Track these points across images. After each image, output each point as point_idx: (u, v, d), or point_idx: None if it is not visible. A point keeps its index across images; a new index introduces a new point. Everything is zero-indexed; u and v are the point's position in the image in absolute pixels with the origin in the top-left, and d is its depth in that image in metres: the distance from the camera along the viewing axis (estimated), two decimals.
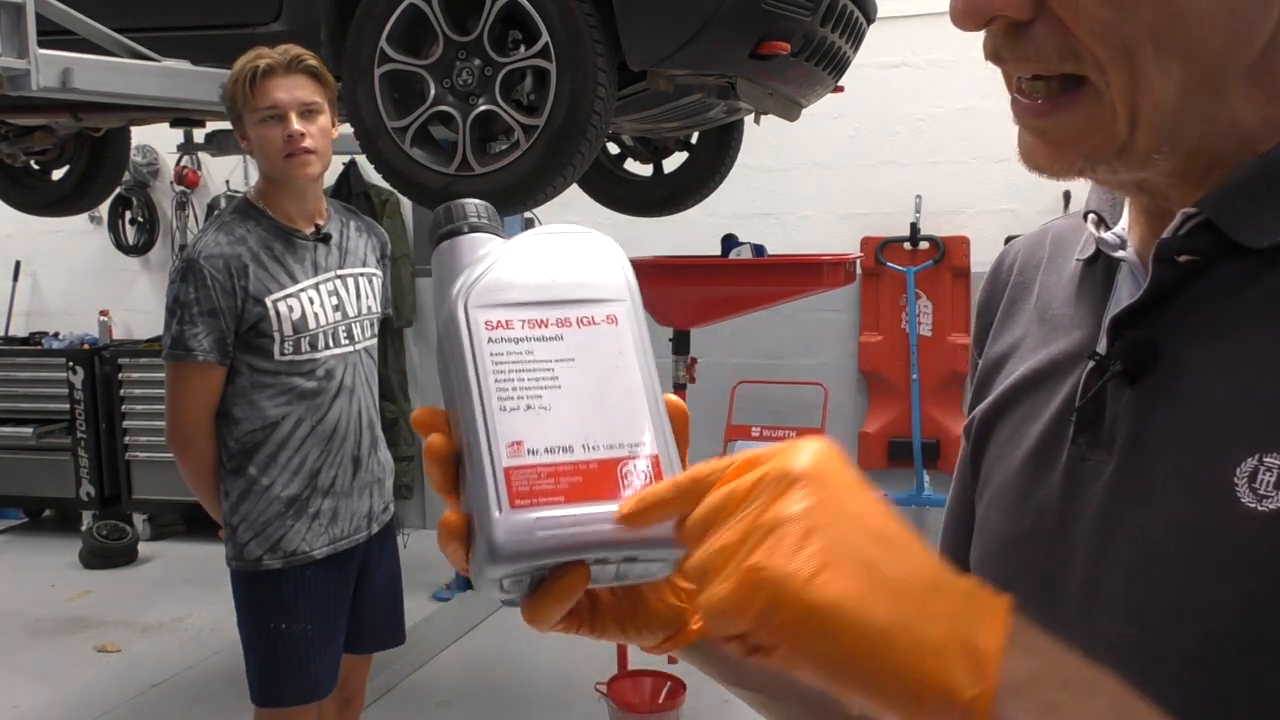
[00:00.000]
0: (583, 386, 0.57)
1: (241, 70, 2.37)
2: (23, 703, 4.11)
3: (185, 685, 4.18)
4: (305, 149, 2.37)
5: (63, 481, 6.04)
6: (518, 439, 0.55)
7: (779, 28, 2.69)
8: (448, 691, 4.04)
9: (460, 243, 0.62)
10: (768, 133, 4.03)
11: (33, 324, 6.78)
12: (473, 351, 0.57)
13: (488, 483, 0.54)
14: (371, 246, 2.66)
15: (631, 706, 3.47)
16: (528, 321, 0.58)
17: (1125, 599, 0.57)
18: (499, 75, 2.67)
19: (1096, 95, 0.56)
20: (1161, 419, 0.58)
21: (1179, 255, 0.59)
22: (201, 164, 6.36)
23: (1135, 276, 0.64)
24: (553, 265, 0.60)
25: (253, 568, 2.47)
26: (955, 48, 5.41)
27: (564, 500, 0.54)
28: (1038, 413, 0.67)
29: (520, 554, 0.53)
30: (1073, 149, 0.58)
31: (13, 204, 4.21)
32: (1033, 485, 0.66)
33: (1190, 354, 0.58)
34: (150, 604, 5.09)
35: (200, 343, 2.36)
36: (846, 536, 0.45)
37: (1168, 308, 0.59)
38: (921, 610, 0.44)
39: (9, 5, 2.34)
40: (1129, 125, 0.56)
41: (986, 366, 0.76)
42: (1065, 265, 0.72)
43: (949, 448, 5.54)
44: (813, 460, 0.47)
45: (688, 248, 5.11)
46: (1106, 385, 0.61)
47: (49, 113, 3.46)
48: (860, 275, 5.31)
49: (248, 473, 2.46)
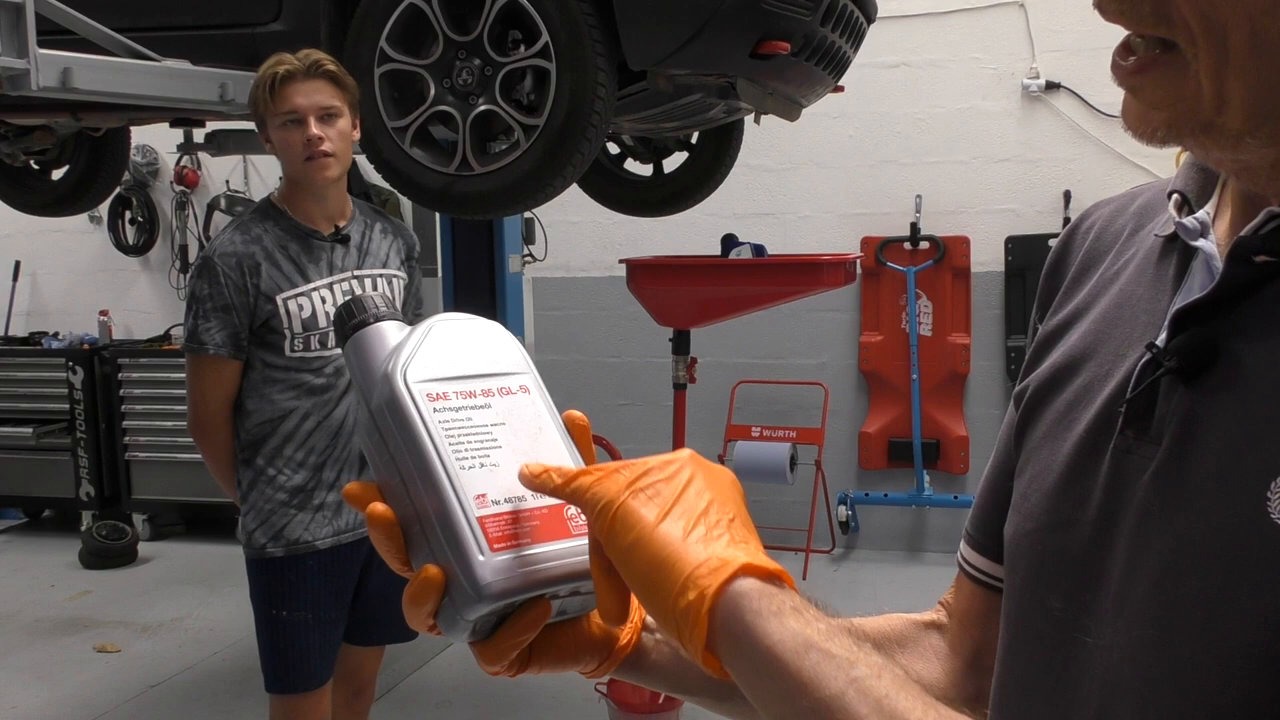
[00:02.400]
0: (518, 444, 0.65)
1: (263, 76, 2.43)
2: (22, 703, 4.11)
3: (185, 685, 4.18)
4: (323, 152, 2.43)
5: (62, 481, 6.04)
6: (481, 492, 0.62)
7: (779, 27, 2.69)
8: (448, 691, 4.04)
9: (373, 332, 0.68)
10: (768, 133, 4.03)
11: (32, 324, 6.77)
12: (423, 421, 0.63)
13: (465, 533, 0.61)
14: (396, 249, 2.70)
15: (631, 706, 3.47)
16: (460, 393, 0.65)
17: (1152, 601, 0.57)
18: (499, 75, 2.67)
19: (1182, 65, 0.54)
20: (1210, 422, 0.56)
21: (1256, 255, 0.56)
22: (201, 164, 6.36)
23: (1210, 267, 0.61)
24: (462, 347, 0.68)
25: (258, 555, 2.54)
26: (955, 48, 5.41)
27: (532, 541, 0.62)
28: (1090, 396, 0.66)
29: (509, 590, 0.60)
30: (1155, 112, 0.56)
31: (13, 204, 4.21)
32: (1077, 472, 0.65)
33: (1250, 357, 0.56)
34: (150, 604, 5.09)
35: (213, 337, 2.45)
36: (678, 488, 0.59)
37: (1235, 307, 0.57)
38: (697, 544, 0.56)
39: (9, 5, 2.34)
40: (1216, 104, 0.54)
41: (1046, 333, 0.74)
42: (1144, 238, 0.69)
43: (949, 448, 5.53)
44: (692, 455, 0.62)
45: (688, 248, 5.11)
46: (1160, 380, 0.60)
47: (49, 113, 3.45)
48: (860, 275, 5.31)
49: (255, 463, 2.54)
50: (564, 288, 5.96)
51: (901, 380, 5.53)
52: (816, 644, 0.53)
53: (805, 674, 0.52)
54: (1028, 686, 0.65)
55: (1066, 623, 0.57)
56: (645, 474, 0.60)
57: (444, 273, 4.60)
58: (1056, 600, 0.63)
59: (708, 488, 0.60)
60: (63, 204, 4.21)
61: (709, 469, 0.62)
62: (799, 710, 0.52)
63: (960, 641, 0.82)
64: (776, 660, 0.53)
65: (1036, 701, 0.50)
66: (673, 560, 0.56)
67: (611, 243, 5.75)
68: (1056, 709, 0.61)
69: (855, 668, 0.52)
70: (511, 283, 4.49)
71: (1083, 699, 0.61)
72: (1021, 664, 0.67)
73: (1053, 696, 0.62)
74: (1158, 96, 0.56)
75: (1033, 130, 5.39)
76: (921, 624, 0.84)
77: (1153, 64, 0.56)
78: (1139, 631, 0.57)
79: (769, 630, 0.53)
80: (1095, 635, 0.59)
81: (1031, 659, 0.66)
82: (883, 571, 5.40)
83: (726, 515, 0.59)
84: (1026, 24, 5.30)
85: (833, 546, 5.61)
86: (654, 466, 0.60)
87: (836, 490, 5.58)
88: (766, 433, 5.40)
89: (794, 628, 0.53)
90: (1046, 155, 5.38)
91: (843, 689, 0.51)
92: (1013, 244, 5.40)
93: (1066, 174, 5.35)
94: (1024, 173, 5.43)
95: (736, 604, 0.54)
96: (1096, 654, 0.54)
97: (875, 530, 5.74)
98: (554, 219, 5.37)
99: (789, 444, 5.22)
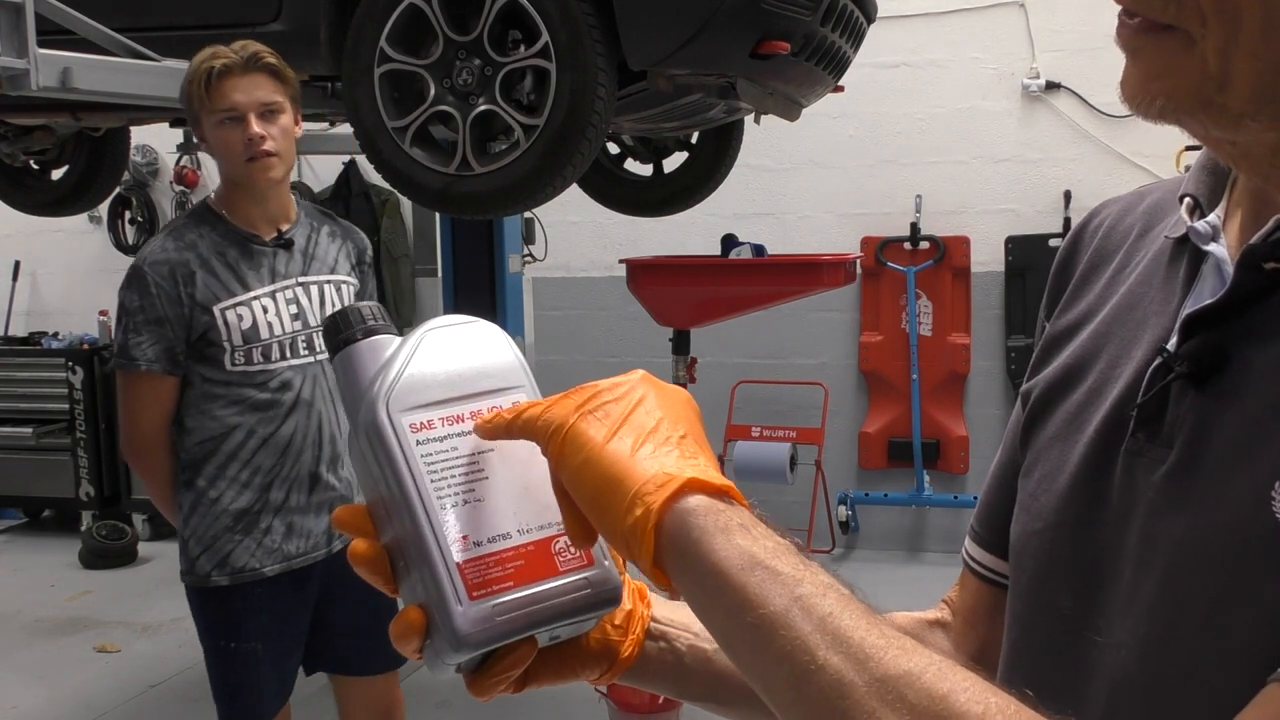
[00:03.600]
0: (507, 473, 0.63)
1: (197, 70, 2.27)
2: (22, 703, 4.11)
3: (185, 685, 4.18)
4: (266, 151, 2.28)
5: (62, 481, 6.03)
6: (463, 534, 0.60)
7: (779, 27, 2.69)
8: (448, 691, 4.04)
9: (361, 349, 0.64)
10: (768, 133, 4.03)
11: (32, 324, 6.77)
12: (405, 456, 0.60)
13: (444, 580, 0.59)
14: (346, 252, 2.54)
15: (631, 706, 3.47)
16: (446, 419, 0.62)
17: (1159, 600, 0.58)
18: (499, 75, 2.67)
19: (1187, 42, 0.54)
20: (1220, 425, 0.57)
21: (1266, 262, 0.57)
22: (201, 164, 6.35)
23: (1220, 272, 0.61)
24: (453, 360, 0.64)
25: (202, 583, 2.37)
26: (955, 48, 5.41)
27: (513, 584, 0.60)
28: (1100, 398, 0.66)
29: (485, 640, 0.59)
30: (1154, 83, 0.56)
31: (12, 204, 4.21)
32: (1088, 473, 0.65)
33: (1259, 362, 0.57)
34: (150, 604, 5.08)
35: (144, 352, 2.29)
36: (628, 408, 0.58)
37: (1245, 312, 0.58)
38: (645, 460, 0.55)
39: (9, 5, 2.34)
40: (1219, 82, 0.54)
41: (1055, 332, 0.74)
42: (1154, 238, 0.69)
43: (949, 448, 5.53)
44: (644, 375, 0.61)
45: (688, 248, 5.11)
46: (1171, 385, 0.60)
47: (49, 113, 3.45)
48: (860, 275, 5.31)
49: (197, 484, 2.37)
50: (564, 288, 5.96)
51: (901, 380, 5.52)
52: (762, 561, 0.52)
53: (750, 591, 0.51)
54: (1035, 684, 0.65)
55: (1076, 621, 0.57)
56: (594, 396, 0.59)
57: (444, 273, 4.60)
58: (1066, 599, 0.64)
59: (658, 406, 0.59)
60: (63, 204, 4.21)
61: (661, 388, 0.61)
62: (743, 626, 0.52)
63: (965, 639, 0.82)
64: (722, 576, 0.52)
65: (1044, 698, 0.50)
66: (620, 477, 0.55)
67: (611, 243, 5.75)
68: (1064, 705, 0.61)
69: (800, 585, 0.51)
70: (511, 283, 4.49)
71: (1091, 696, 0.61)
72: (1029, 661, 0.68)
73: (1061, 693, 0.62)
74: (1159, 65, 0.56)
75: (1033, 130, 5.39)
76: (925, 622, 0.84)
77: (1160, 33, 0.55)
78: (1148, 629, 0.58)
79: (715, 547, 0.53)
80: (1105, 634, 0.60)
81: (1040, 656, 0.66)
82: (883, 571, 5.39)
83: (677, 432, 0.58)
84: (1026, 24, 5.30)
85: (833, 547, 5.61)
86: (604, 388, 0.59)
87: (836, 490, 5.58)
88: (766, 433, 5.40)
89: (740, 544, 0.53)
90: (1046, 155, 5.38)
91: (787, 606, 0.50)
92: (1013, 244, 5.40)
93: (1066, 174, 5.34)
94: (1024, 173, 5.43)
95: (683, 520, 0.54)
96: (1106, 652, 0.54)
97: (875, 530, 5.74)
98: (554, 219, 5.37)
99: (789, 444, 5.21)
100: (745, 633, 0.52)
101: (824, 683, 0.49)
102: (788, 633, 0.50)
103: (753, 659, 0.52)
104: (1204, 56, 0.54)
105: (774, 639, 0.50)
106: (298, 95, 2.38)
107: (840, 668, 0.48)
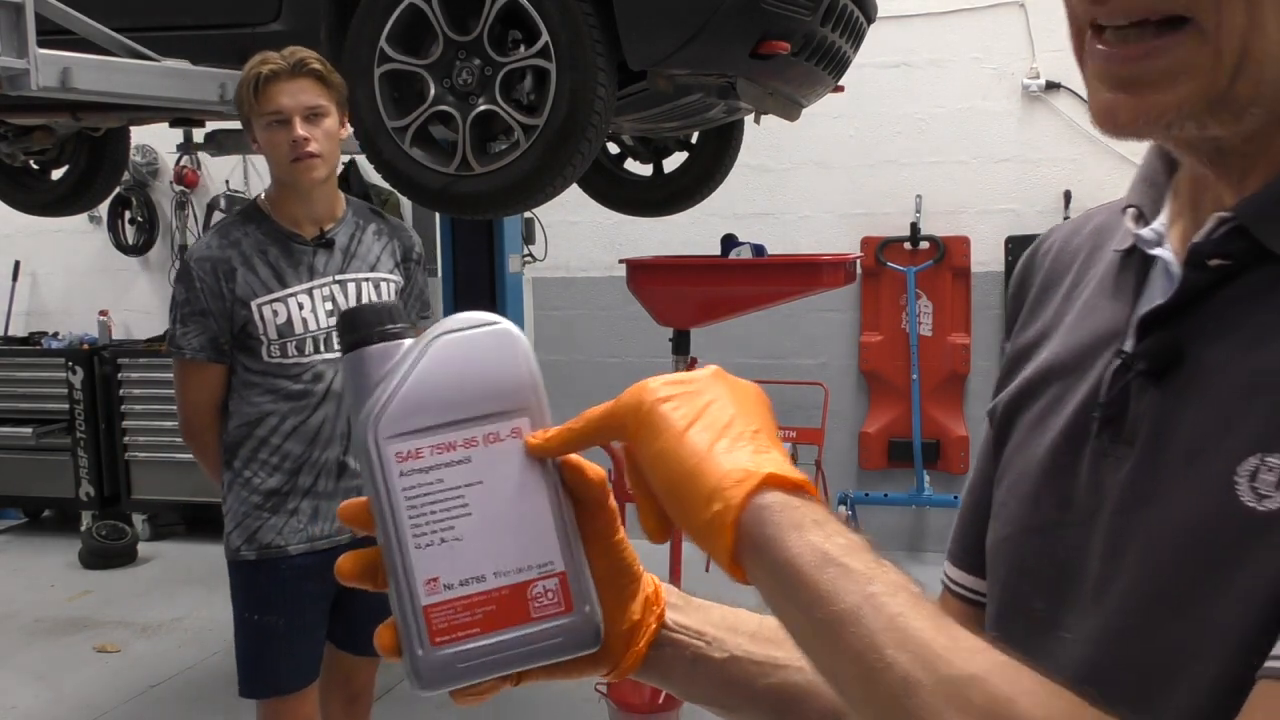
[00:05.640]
0: (491, 509, 0.60)
1: (247, 76, 2.38)
2: (22, 703, 4.11)
3: (185, 685, 4.18)
4: (310, 153, 2.38)
5: (62, 481, 6.04)
6: (433, 576, 0.58)
7: (779, 27, 2.69)
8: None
9: (368, 355, 0.61)
10: (768, 133, 4.03)
11: (32, 324, 6.77)
12: (386, 487, 0.59)
13: (409, 621, 0.58)
14: (390, 250, 2.63)
15: (631, 706, 3.47)
16: (436, 446, 0.60)
17: (1132, 592, 0.59)
18: (499, 75, 2.67)
19: (1199, 36, 0.54)
20: (1180, 419, 0.59)
21: (1210, 259, 0.59)
22: (201, 164, 6.36)
23: (1169, 274, 0.63)
24: (458, 378, 0.61)
25: (234, 557, 2.53)
26: (955, 48, 5.41)
27: (479, 631, 0.59)
28: (1062, 404, 0.68)
29: (443, 684, 0.58)
30: (1166, 93, 0.56)
31: (12, 204, 4.21)
32: (1054, 477, 0.66)
33: (1213, 356, 0.58)
34: (150, 604, 5.09)
35: (190, 342, 2.44)
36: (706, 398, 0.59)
37: (1196, 310, 0.60)
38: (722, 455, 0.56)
39: (9, 5, 2.34)
40: (1233, 70, 0.54)
41: (1015, 352, 0.77)
42: (1103, 255, 0.71)
43: (949, 448, 5.53)
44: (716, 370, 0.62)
45: (688, 248, 5.10)
46: (1131, 383, 0.62)
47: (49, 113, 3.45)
48: (860, 275, 5.31)
49: (234, 465, 2.52)
50: (564, 288, 5.96)
51: (901, 380, 5.52)
52: (835, 558, 0.53)
53: (823, 587, 0.52)
54: None
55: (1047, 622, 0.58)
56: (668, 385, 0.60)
57: (444, 273, 4.60)
58: (1038, 601, 0.65)
59: (732, 402, 0.60)
60: (63, 204, 4.21)
61: (733, 384, 0.62)
62: (815, 622, 0.53)
63: None
64: (796, 573, 0.53)
65: None
66: (698, 472, 0.56)
67: (611, 243, 5.75)
68: None
69: (872, 584, 0.52)
70: (511, 283, 4.49)
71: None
72: None
73: None
74: (1170, 76, 0.55)
75: (1033, 130, 5.39)
76: None
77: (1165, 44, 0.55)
78: (1120, 621, 0.59)
79: (789, 543, 0.54)
80: (1075, 630, 0.60)
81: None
82: None
83: (750, 427, 0.59)
84: (1026, 24, 5.30)
85: None
86: (676, 380, 0.61)
87: (836, 490, 5.58)
88: None
89: (814, 541, 0.54)
90: (1046, 155, 5.38)
91: (858, 604, 0.51)
92: (1013, 244, 5.40)
93: (1066, 174, 5.34)
94: (1024, 173, 5.43)
95: (759, 516, 0.55)
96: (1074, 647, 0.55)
97: (875, 530, 5.65)
98: (554, 219, 5.37)
99: (789, 444, 5.21)
100: (817, 629, 0.53)
101: (892, 681, 0.50)
102: (858, 629, 0.51)
103: (824, 654, 0.54)
104: (1217, 47, 0.54)
105: (844, 636, 0.51)
106: (343, 99, 2.47)
107: (908, 667, 0.49)
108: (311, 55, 2.41)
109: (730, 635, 0.70)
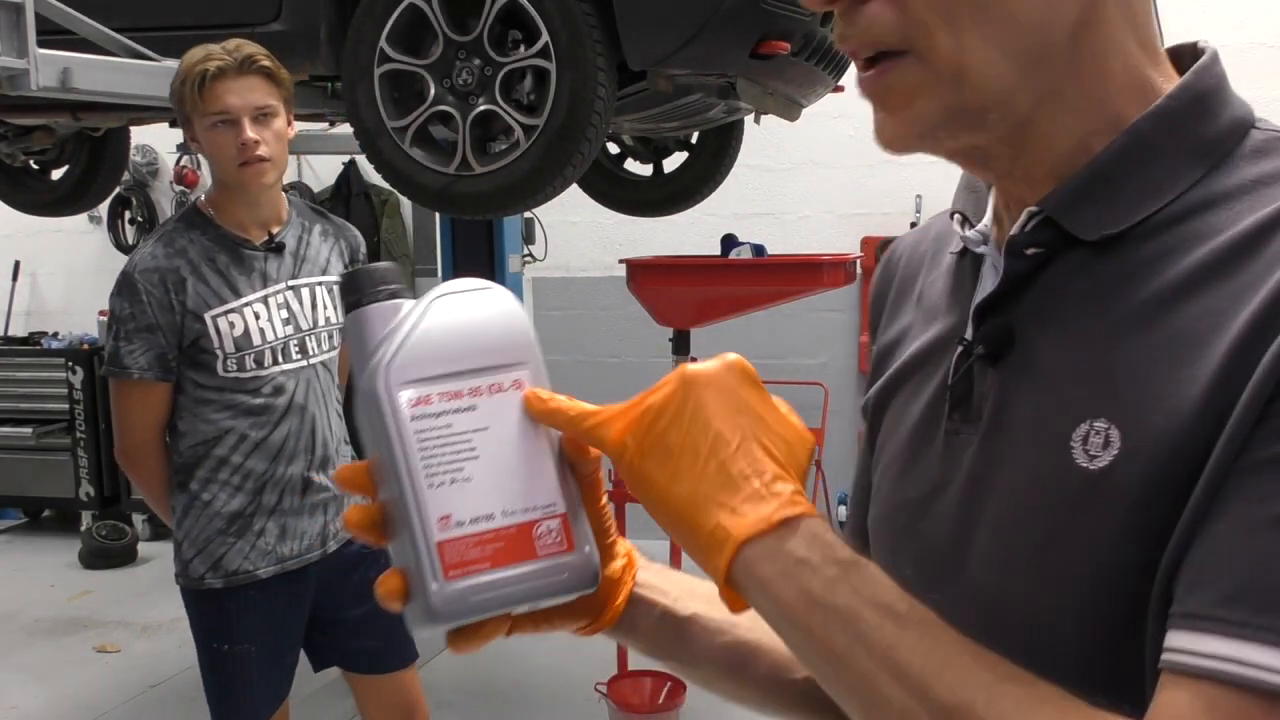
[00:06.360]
0: (497, 454, 0.63)
1: (190, 71, 2.23)
2: (22, 703, 4.11)
3: (185, 685, 4.18)
4: (259, 157, 2.24)
5: (62, 482, 6.04)
6: (446, 513, 0.62)
7: (779, 27, 2.69)
8: (448, 691, 4.04)
9: (370, 313, 0.65)
10: (768, 133, 4.03)
11: (32, 324, 6.78)
12: (398, 432, 0.62)
13: (422, 557, 0.61)
14: (338, 252, 2.51)
15: (631, 706, 3.47)
16: (444, 394, 0.63)
17: (991, 550, 0.65)
18: (499, 75, 2.67)
19: (919, 62, 0.61)
20: (1018, 394, 0.65)
21: (1027, 249, 0.66)
22: (201, 164, 6.35)
23: (996, 268, 0.70)
24: (461, 332, 0.64)
25: (196, 585, 2.37)
26: None
27: (490, 565, 0.62)
28: (920, 392, 0.75)
29: (456, 617, 0.61)
30: (910, 110, 0.63)
31: (12, 204, 4.21)
32: (916, 457, 0.73)
33: (1040, 336, 0.65)
34: (150, 604, 5.09)
35: (136, 360, 2.27)
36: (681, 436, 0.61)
37: (1022, 296, 0.67)
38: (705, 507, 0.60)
39: (9, 5, 2.34)
40: (955, 86, 0.61)
41: (879, 352, 0.84)
42: (942, 259, 0.79)
43: None
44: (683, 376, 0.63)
45: (688, 248, 5.11)
46: (973, 366, 0.69)
47: (49, 113, 3.46)
48: (860, 275, 5.31)
49: (190, 488, 2.36)
50: (564, 288, 5.96)
51: None
52: (820, 601, 0.57)
53: (815, 632, 0.57)
54: None
55: (917, 589, 0.61)
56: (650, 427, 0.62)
57: (444, 273, 4.60)
58: (909, 570, 0.70)
59: (712, 415, 0.62)
60: (63, 204, 4.22)
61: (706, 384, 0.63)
62: (812, 662, 0.59)
63: None
64: (786, 618, 0.58)
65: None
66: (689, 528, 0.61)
67: (611, 243, 5.75)
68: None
69: (859, 621, 0.56)
70: (511, 283, 4.50)
71: None
72: None
73: None
74: (906, 89, 0.62)
75: None
76: None
77: (892, 64, 0.63)
78: (983, 578, 0.65)
79: (776, 593, 0.58)
80: (943, 593, 0.64)
81: None
82: None
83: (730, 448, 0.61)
84: None
85: None
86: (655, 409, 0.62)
87: (837, 490, 5.58)
88: None
89: (801, 584, 0.58)
90: None
91: (849, 645, 0.56)
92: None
93: None
94: None
95: (747, 572, 0.59)
96: (944, 609, 0.58)
97: None
98: (554, 219, 5.37)
99: None
100: (816, 668, 0.59)
101: (891, 714, 0.55)
102: (854, 668, 0.56)
103: (828, 686, 0.59)
104: (937, 66, 0.61)
105: (842, 675, 0.57)
106: (291, 97, 2.35)
107: (904, 700, 0.55)
108: (259, 51, 2.27)
109: (689, 597, 0.76)
